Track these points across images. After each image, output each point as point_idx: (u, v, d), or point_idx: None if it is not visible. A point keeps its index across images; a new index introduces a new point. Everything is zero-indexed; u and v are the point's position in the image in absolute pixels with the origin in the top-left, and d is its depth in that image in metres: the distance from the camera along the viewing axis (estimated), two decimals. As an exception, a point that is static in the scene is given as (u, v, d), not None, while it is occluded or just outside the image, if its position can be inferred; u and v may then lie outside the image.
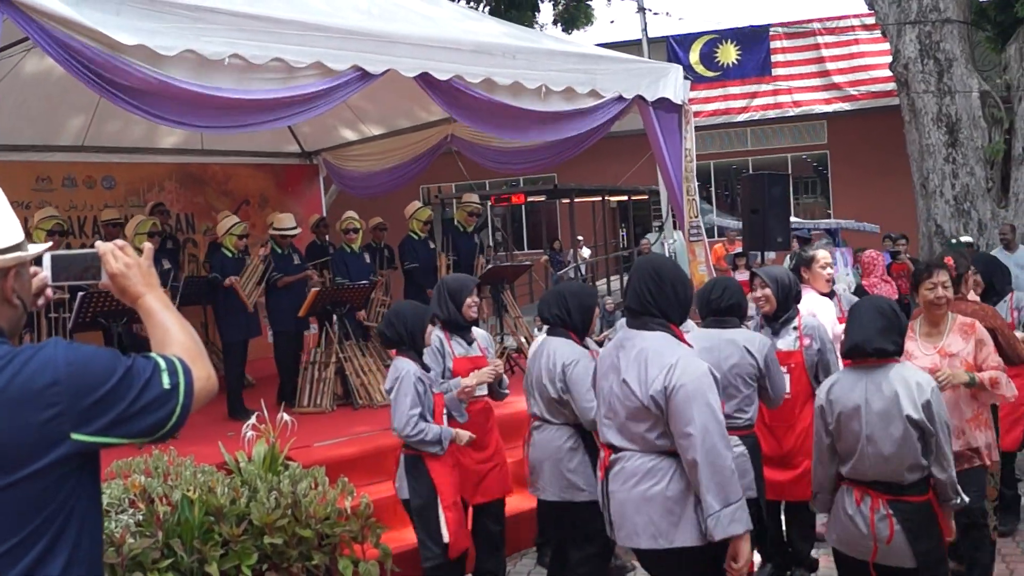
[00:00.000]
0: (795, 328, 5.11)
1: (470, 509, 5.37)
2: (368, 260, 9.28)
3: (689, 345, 3.56)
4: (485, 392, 5.37)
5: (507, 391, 5.46)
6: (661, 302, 3.52)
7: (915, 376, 3.72)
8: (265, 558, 5.02)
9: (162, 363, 2.02)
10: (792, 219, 11.13)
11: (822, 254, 6.12)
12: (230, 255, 8.21)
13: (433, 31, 7.00)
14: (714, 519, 3.29)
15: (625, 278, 21.08)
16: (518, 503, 5.94)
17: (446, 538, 4.79)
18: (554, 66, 7.77)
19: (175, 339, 2.12)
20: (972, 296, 5.63)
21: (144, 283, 2.20)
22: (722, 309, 4.78)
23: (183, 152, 10.75)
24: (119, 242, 2.21)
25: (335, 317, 8.15)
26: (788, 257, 9.70)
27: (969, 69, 13.21)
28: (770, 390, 4.72)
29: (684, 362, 3.39)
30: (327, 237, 10.03)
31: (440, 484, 4.82)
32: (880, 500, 3.72)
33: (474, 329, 5.45)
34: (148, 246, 2.28)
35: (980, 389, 4.73)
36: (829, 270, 6.13)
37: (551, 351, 4.72)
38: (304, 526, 5.08)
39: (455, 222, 10.16)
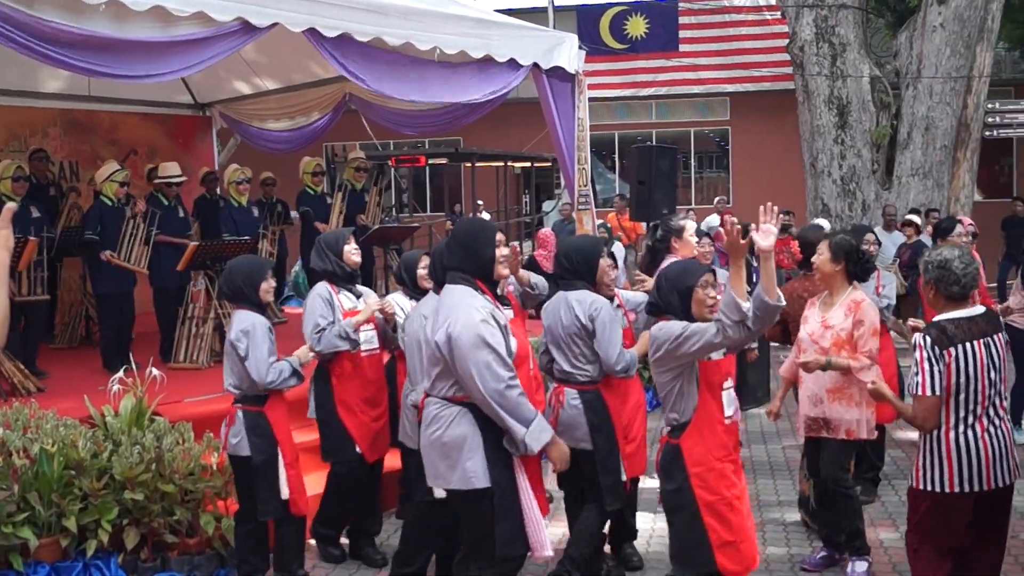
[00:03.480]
0: (618, 306, 5.16)
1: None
2: (256, 215, 9.17)
3: (496, 300, 3.88)
4: (376, 345, 5.39)
5: (400, 344, 5.38)
6: (457, 260, 3.92)
7: (656, 331, 3.94)
8: (126, 513, 5.00)
9: None
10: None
11: (691, 224, 6.27)
12: (110, 203, 8.02)
13: (323, -14, 6.90)
14: (526, 439, 3.73)
15: (527, 244, 21.16)
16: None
17: (285, 494, 4.80)
18: (448, 29, 7.73)
19: None
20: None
21: None
22: (565, 272, 4.92)
23: (68, 98, 10.39)
24: None
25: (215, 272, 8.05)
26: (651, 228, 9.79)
27: (861, 54, 13.59)
28: (599, 351, 4.74)
29: (462, 313, 3.73)
30: (217, 191, 9.87)
31: (281, 441, 4.82)
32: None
33: (359, 287, 5.50)
34: (11, 205, 2.23)
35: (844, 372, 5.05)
36: (696, 239, 6.30)
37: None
38: (167, 481, 5.06)
39: (345, 180, 10.09)
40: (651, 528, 5.92)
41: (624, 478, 4.91)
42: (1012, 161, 21.70)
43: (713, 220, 15.28)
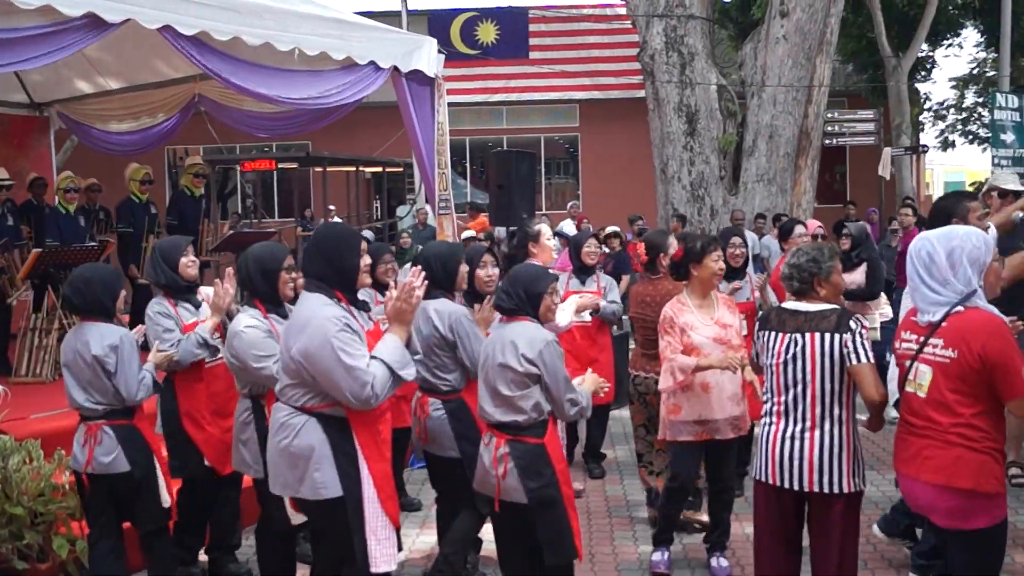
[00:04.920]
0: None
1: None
2: (83, 223, 8.76)
3: (350, 309, 3.77)
4: (223, 354, 5.17)
5: None
6: (317, 268, 3.80)
7: (533, 332, 4.13)
8: (-31, 539, 4.67)
9: None
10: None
11: (546, 228, 6.36)
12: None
13: (178, -19, 6.63)
14: (407, 376, 3.71)
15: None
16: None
17: (166, 502, 4.69)
18: (308, 30, 7.57)
19: None
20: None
21: None
22: (426, 279, 4.86)
23: None
24: None
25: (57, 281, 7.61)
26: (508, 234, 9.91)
27: (709, 64, 14.01)
28: (463, 359, 4.81)
29: (317, 326, 3.61)
30: (44, 197, 9.38)
31: (156, 450, 4.70)
32: (502, 440, 4.12)
33: (204, 289, 5.27)
34: None
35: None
36: (554, 242, 6.40)
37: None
38: (15, 504, 4.76)
39: (182, 186, 9.70)
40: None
41: None
42: (845, 169, 22.88)
43: (567, 225, 15.47)
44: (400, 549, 3.98)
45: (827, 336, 3.85)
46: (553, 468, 4.11)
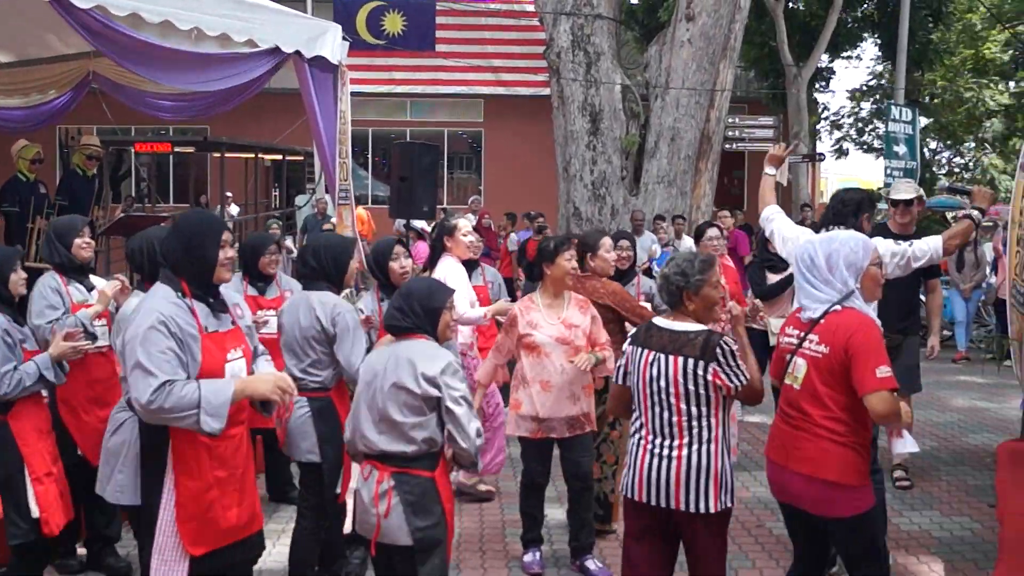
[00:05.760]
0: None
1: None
2: None
3: (193, 307, 3.49)
4: (106, 342, 5.00)
5: None
6: (168, 256, 3.56)
7: (433, 350, 3.80)
8: None
9: None
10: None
11: (463, 223, 6.33)
12: None
13: (73, -47, 6.35)
14: (208, 426, 3.33)
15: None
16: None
17: (35, 513, 4.37)
18: (209, 9, 7.34)
19: None
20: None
21: None
22: (310, 271, 4.77)
23: None
24: None
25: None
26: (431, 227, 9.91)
27: (614, 64, 14.12)
28: (340, 357, 4.59)
29: (138, 317, 3.40)
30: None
31: (28, 454, 4.35)
32: (385, 473, 3.75)
33: (94, 278, 5.14)
34: None
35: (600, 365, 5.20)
36: (471, 238, 6.38)
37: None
38: None
39: (74, 166, 9.38)
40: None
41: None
42: (743, 174, 23.37)
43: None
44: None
45: (690, 362, 3.73)
46: (442, 507, 3.77)
